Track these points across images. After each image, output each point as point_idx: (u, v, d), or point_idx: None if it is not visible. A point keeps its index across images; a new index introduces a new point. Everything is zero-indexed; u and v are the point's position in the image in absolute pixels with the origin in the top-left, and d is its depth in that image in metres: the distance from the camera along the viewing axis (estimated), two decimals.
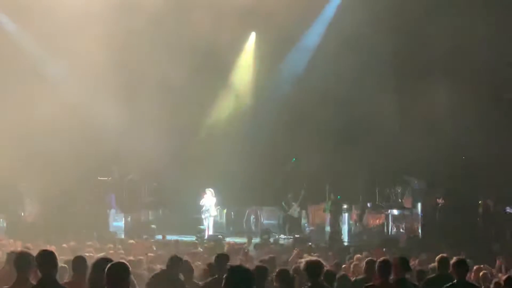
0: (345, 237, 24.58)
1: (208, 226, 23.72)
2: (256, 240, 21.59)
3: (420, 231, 23.63)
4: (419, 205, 24.07)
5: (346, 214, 25.12)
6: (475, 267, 11.86)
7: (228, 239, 22.20)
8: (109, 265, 6.06)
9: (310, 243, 20.81)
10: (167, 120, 24.01)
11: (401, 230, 24.07)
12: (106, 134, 23.28)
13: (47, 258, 7.06)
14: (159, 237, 22.18)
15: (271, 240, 22.67)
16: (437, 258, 9.88)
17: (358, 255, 14.25)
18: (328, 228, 25.04)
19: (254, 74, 27.91)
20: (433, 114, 23.71)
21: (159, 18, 22.82)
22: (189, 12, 22.75)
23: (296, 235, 23.85)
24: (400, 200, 25.00)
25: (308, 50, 26.92)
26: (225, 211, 25.58)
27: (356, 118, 25.40)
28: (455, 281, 8.75)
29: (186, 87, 24.51)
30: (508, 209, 23.23)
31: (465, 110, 22.61)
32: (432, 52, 24.20)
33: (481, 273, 11.41)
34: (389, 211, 24.43)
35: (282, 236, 24.36)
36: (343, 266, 13.03)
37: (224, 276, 5.53)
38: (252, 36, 27.63)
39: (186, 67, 23.79)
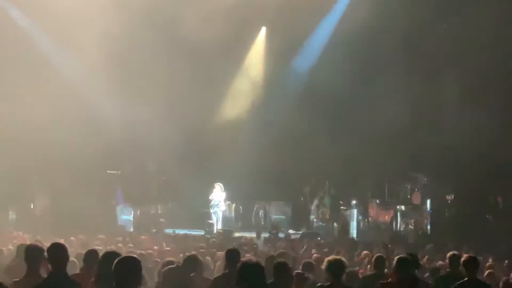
0: (353, 233, 24.52)
1: (217, 221, 23.73)
2: (265, 234, 21.57)
3: (429, 227, 23.55)
4: (428, 201, 23.98)
5: (355, 210, 25.07)
6: (487, 264, 11.81)
7: (237, 234, 22.20)
8: (117, 259, 5.77)
9: (319, 238, 20.78)
10: (176, 115, 23.97)
11: (410, 226, 23.99)
12: (115, 128, 23.29)
13: (58, 251, 7.06)
14: (169, 231, 22.18)
15: (280, 235, 22.64)
16: (448, 255, 9.84)
17: (366, 251, 14.22)
18: (336, 224, 25.02)
19: (264, 69, 27.83)
20: (442, 110, 23.61)
21: (169, 11, 22.80)
22: (198, 6, 22.71)
23: (305, 230, 23.83)
24: (409, 196, 24.91)
25: (318, 46, 26.83)
26: (234, 205, 25.58)
27: (365, 114, 25.30)
28: (466, 278, 8.72)
29: (194, 82, 24.49)
30: None
31: (474, 106, 22.48)
32: (440, 48, 24.09)
33: (490, 271, 11.35)
34: (397, 207, 24.37)
35: (291, 231, 24.34)
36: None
37: (236, 271, 5.49)
38: (263, 31, 27.56)
39: (196, 60, 23.79)
